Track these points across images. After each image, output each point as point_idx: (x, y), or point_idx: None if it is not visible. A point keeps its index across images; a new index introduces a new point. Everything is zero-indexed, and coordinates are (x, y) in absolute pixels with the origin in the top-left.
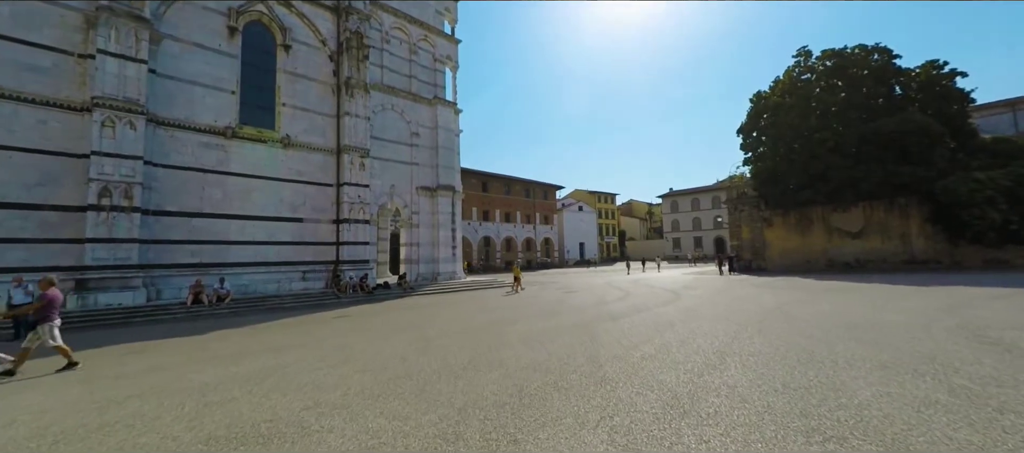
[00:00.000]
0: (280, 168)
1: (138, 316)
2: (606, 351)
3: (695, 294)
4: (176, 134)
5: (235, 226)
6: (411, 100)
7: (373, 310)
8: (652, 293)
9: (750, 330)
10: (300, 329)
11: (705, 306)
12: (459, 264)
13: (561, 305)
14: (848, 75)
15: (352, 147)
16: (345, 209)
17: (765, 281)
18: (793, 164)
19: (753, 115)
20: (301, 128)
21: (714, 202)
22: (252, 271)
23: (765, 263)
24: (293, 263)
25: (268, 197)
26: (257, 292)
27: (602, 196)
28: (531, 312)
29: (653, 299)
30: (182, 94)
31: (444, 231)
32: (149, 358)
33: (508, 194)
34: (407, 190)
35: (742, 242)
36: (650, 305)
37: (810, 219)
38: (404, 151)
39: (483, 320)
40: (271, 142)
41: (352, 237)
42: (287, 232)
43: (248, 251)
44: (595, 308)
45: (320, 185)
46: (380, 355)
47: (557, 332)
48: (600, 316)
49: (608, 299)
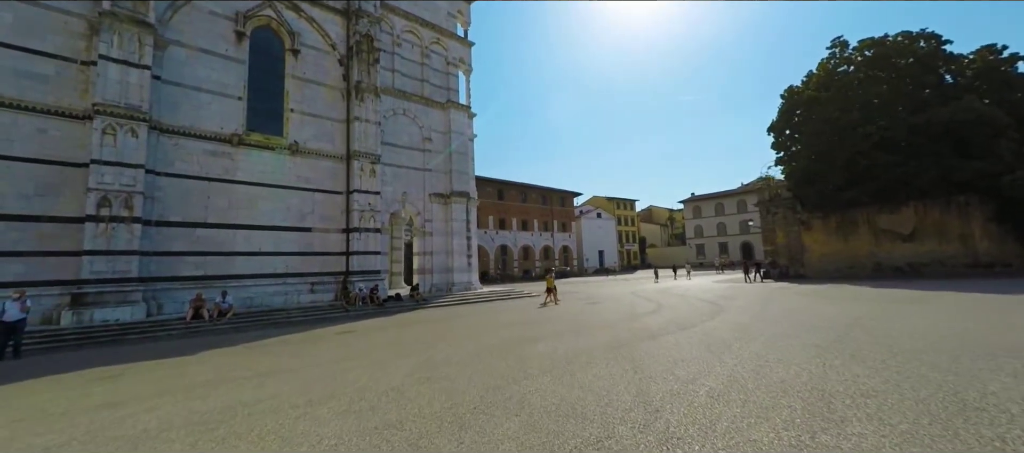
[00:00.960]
0: (288, 175)
1: (133, 332)
2: (658, 386)
3: (738, 305)
4: (181, 142)
5: (241, 236)
6: (423, 104)
7: (381, 325)
8: (687, 304)
9: (837, 355)
10: (296, 348)
11: (757, 321)
12: (475, 274)
13: (587, 319)
14: (891, 65)
15: (362, 153)
16: (355, 217)
17: (811, 289)
18: (832, 162)
19: (785, 112)
20: (309, 134)
21: (740, 206)
22: (258, 283)
23: (803, 269)
24: (301, 274)
25: (275, 206)
26: (263, 305)
27: (621, 202)
28: (554, 328)
29: (691, 311)
30: (187, 101)
31: (459, 239)
32: (114, 387)
33: (524, 201)
34: (420, 197)
35: (777, 247)
36: (691, 319)
37: (854, 221)
38: (416, 157)
39: (499, 339)
40: (279, 149)
41: (362, 247)
42: (294, 242)
43: (254, 262)
44: (627, 323)
45: (329, 193)
46: (374, 387)
47: (589, 356)
48: (636, 333)
49: (639, 311)
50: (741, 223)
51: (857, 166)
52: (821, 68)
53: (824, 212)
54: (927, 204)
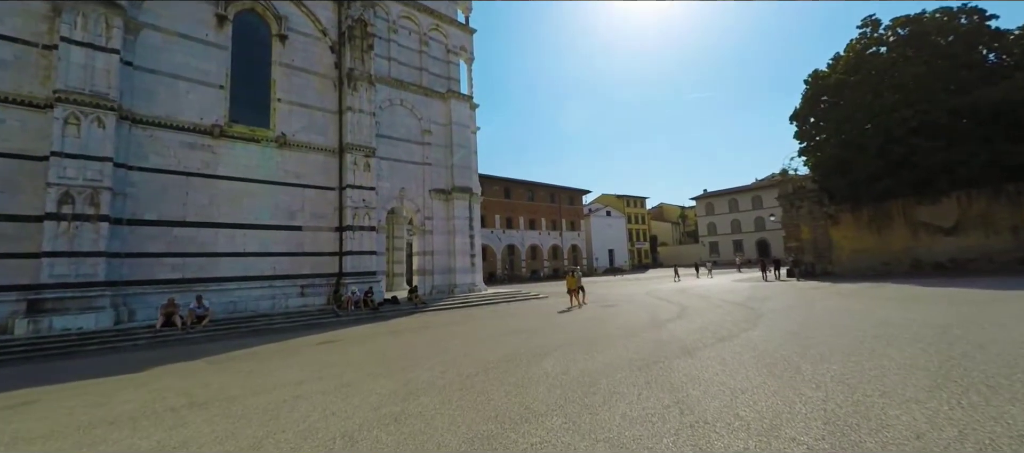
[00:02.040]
0: (275, 170)
1: (93, 343)
2: (722, 439)
3: (774, 308)
4: (156, 133)
5: (223, 236)
6: (422, 94)
7: (370, 333)
8: (714, 307)
9: (959, 382)
10: (260, 365)
11: (811, 330)
12: (479, 274)
13: (603, 326)
14: (929, 43)
15: (355, 145)
16: (348, 215)
17: (850, 288)
18: (864, 150)
19: (810, 98)
20: (299, 126)
21: (755, 202)
22: (243, 287)
23: (831, 266)
24: (290, 276)
25: (262, 203)
26: (248, 310)
27: (631, 200)
28: (565, 337)
29: (722, 316)
30: (163, 89)
31: (461, 238)
32: (9, 421)
33: (532, 200)
34: (419, 193)
35: (802, 243)
36: (726, 326)
37: (888, 214)
38: (415, 150)
39: (501, 352)
40: (265, 141)
41: (356, 246)
42: (283, 242)
43: (238, 264)
44: (651, 332)
45: (321, 188)
46: (320, 431)
47: (611, 382)
48: (665, 347)
49: (661, 316)
50: (756, 219)
51: (892, 154)
52: (850, 49)
53: (854, 205)
54: (972, 193)
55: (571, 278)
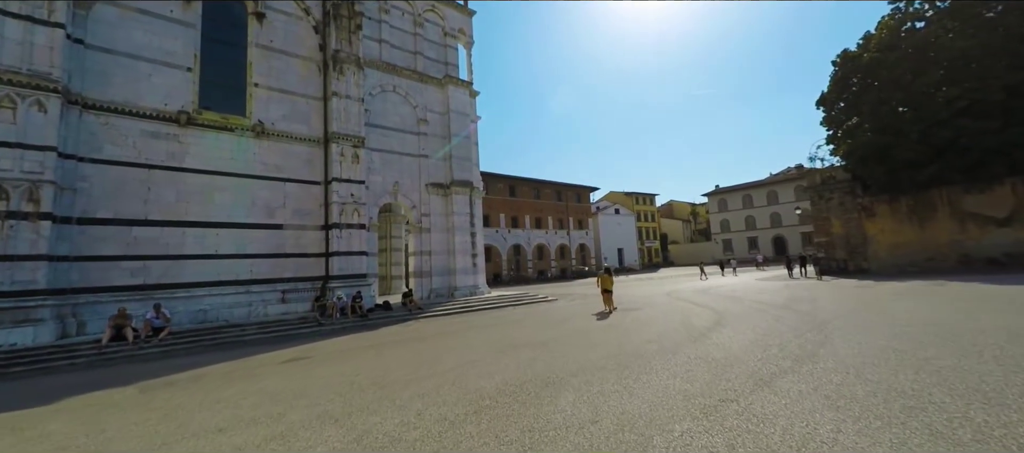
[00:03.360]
0: (252, 162)
1: (22, 362)
2: None
3: (831, 311)
4: (112, 121)
5: (192, 236)
6: (417, 80)
7: (349, 347)
8: (756, 312)
9: None
10: (197, 395)
11: (918, 345)
12: (481, 276)
13: (629, 337)
14: (975, 15)
15: (342, 135)
16: (335, 211)
17: (903, 288)
18: (903, 135)
19: (839, 80)
20: (279, 113)
21: (770, 197)
22: (214, 293)
23: (866, 263)
24: (269, 281)
25: (237, 199)
26: (220, 319)
27: (640, 197)
28: (586, 355)
29: (775, 325)
30: (121, 71)
31: (461, 236)
32: None
33: (538, 198)
34: (414, 187)
35: (832, 238)
36: (790, 340)
37: (931, 204)
38: (410, 141)
39: (502, 377)
40: (240, 130)
41: (344, 246)
42: (262, 242)
43: (209, 267)
44: (694, 347)
45: (304, 183)
46: None
47: (668, 434)
48: (725, 372)
49: (698, 324)
50: (772, 215)
51: (936, 138)
52: (882, 27)
53: (892, 195)
54: None
55: (606, 277)
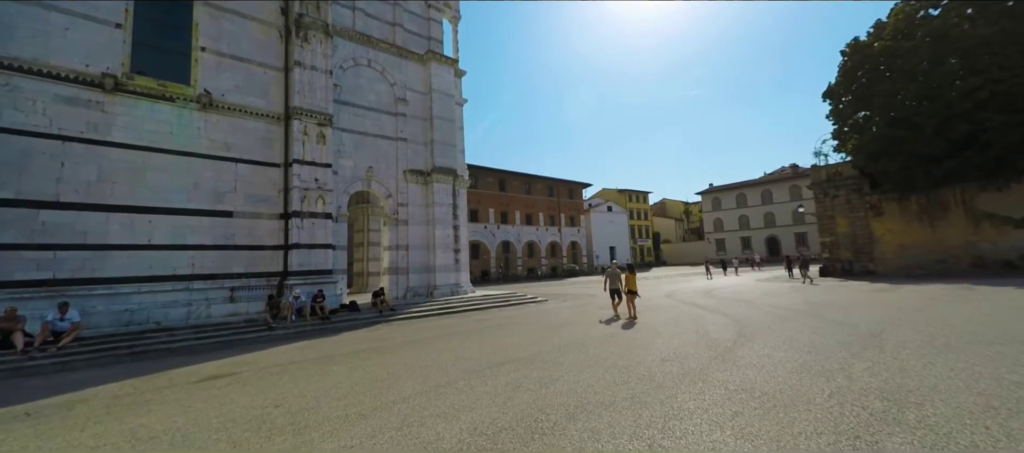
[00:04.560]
0: (196, 138)
1: None
2: None
3: (872, 318)
4: (15, 81)
5: (118, 223)
6: (395, 55)
7: (292, 358)
8: (781, 320)
9: None
10: (53, 433)
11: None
12: (464, 274)
13: (637, 352)
14: (997, 1)
15: (305, 110)
16: (295, 198)
17: (932, 291)
18: (918, 129)
19: (849, 70)
20: (231, 83)
21: (764, 197)
22: (145, 290)
23: (873, 264)
24: (215, 276)
25: (176, 180)
26: (151, 321)
27: (633, 195)
28: (585, 377)
29: (818, 339)
30: (26, 22)
31: (442, 229)
32: None
33: (528, 193)
34: (390, 174)
35: (838, 238)
36: (863, 367)
37: (943, 203)
38: (386, 122)
39: (469, 420)
40: (182, 101)
41: (306, 238)
42: (207, 231)
43: (140, 260)
44: (723, 369)
45: (259, 164)
46: None
47: None
48: (788, 414)
49: (717, 335)
50: (766, 215)
51: (954, 131)
52: (895, 13)
53: (902, 193)
54: None
55: (629, 275)
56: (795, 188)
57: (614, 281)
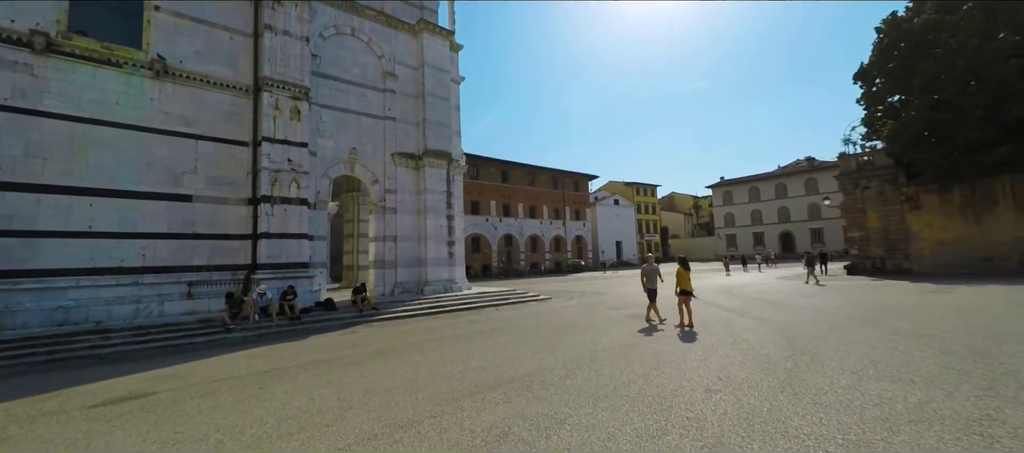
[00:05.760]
0: (148, 111)
1: None
2: None
3: (951, 328)
4: None
5: (50, 206)
6: (384, 24)
7: (236, 371)
8: (835, 327)
9: None
10: None
11: None
12: (459, 269)
13: (663, 369)
14: None
15: (277, 82)
16: (265, 181)
17: (988, 294)
18: (965, 113)
19: (885, 48)
20: (191, 49)
21: (778, 191)
22: (85, 284)
23: (908, 262)
24: (171, 269)
25: (124, 158)
26: (91, 320)
27: (641, 188)
28: (600, 426)
29: (922, 361)
30: None
31: (434, 219)
32: None
33: (532, 185)
34: (377, 157)
35: (868, 233)
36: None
37: (992, 195)
38: (373, 99)
39: None
40: (131, 66)
41: (277, 226)
42: (161, 217)
43: (79, 249)
44: (806, 410)
45: (224, 142)
46: None
47: None
48: None
49: (760, 347)
50: (780, 209)
51: (1007, 115)
52: None
53: (943, 184)
54: None
55: (684, 272)
56: (811, 182)
57: (651, 279)
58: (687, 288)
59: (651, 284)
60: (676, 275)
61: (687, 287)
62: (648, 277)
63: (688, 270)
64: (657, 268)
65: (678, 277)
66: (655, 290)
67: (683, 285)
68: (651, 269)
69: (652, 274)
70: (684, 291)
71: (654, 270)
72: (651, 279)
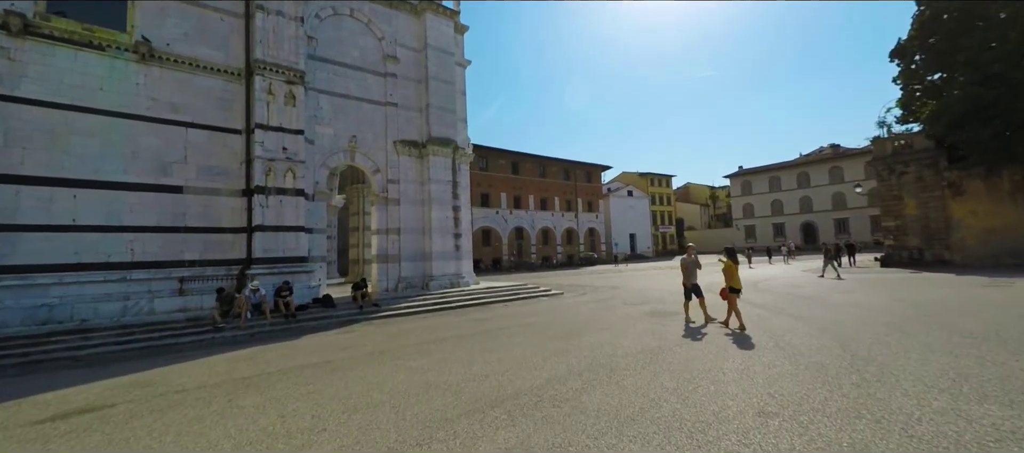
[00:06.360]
0: (135, 97)
1: None
2: None
3: None
4: None
5: (31, 198)
6: (384, 3)
7: (209, 379)
8: (883, 323)
9: None
10: None
11: None
12: (466, 262)
13: (696, 384)
14: None
15: (270, 65)
16: (258, 170)
17: None
18: (1016, 88)
19: (926, 22)
20: (179, 31)
21: (801, 180)
22: (70, 280)
23: (949, 252)
24: (161, 264)
25: (109, 147)
26: (76, 318)
27: (655, 178)
28: (636, 452)
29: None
30: None
31: (440, 210)
32: None
33: (543, 176)
34: (378, 145)
35: (904, 221)
36: None
37: None
38: (373, 84)
39: None
40: (115, 50)
41: (272, 218)
42: (150, 210)
43: (63, 243)
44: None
45: (216, 130)
46: None
47: None
48: None
49: (818, 358)
50: (802, 199)
51: None
52: None
53: (990, 167)
54: None
55: (731, 265)
56: (836, 170)
57: (691, 273)
58: (735, 284)
59: (691, 279)
60: (723, 270)
61: (735, 283)
62: (687, 271)
63: (737, 263)
64: (697, 263)
65: (726, 272)
66: (698, 285)
67: (731, 281)
68: (691, 263)
69: (692, 269)
70: (732, 288)
71: (694, 265)
72: (690, 274)
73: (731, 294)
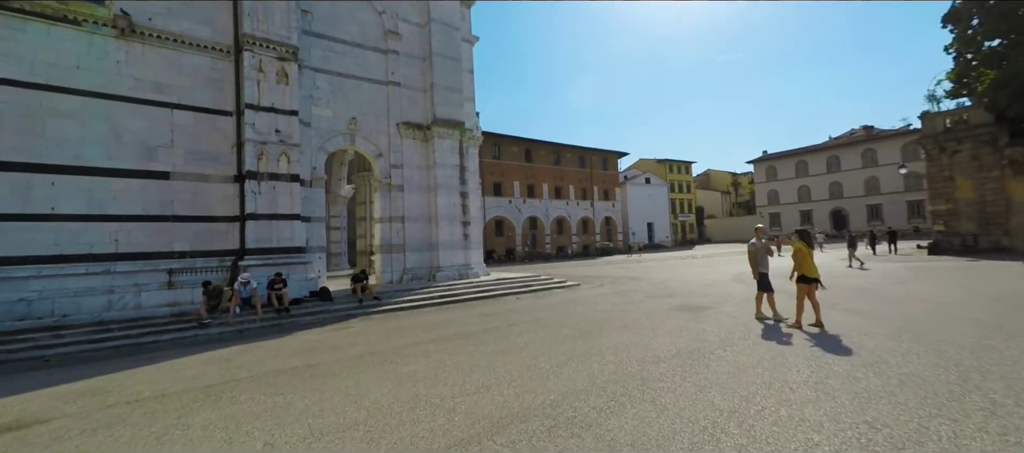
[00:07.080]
0: (116, 76)
1: None
2: None
3: None
4: None
5: (6, 184)
6: None
7: (173, 386)
8: (974, 322)
9: None
10: None
11: None
12: (476, 253)
13: (771, 402)
14: None
15: (259, 39)
16: (250, 154)
17: None
18: None
19: None
20: (162, 4)
21: (830, 164)
22: (49, 273)
23: (1008, 239)
24: (148, 256)
25: (89, 130)
26: (57, 313)
27: (674, 165)
28: None
29: None
30: None
31: (446, 197)
32: None
33: (557, 164)
34: (380, 127)
35: (957, 205)
36: None
37: None
38: (373, 62)
39: None
40: (91, 24)
41: (265, 206)
42: (135, 197)
43: (42, 234)
44: None
45: (204, 111)
46: None
47: None
48: None
49: (912, 368)
50: (832, 185)
51: None
52: None
53: None
54: None
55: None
56: (869, 153)
57: (761, 261)
58: (812, 274)
59: (763, 268)
60: (794, 254)
61: (812, 273)
62: (757, 260)
63: (811, 248)
64: (767, 248)
65: (797, 257)
66: (767, 275)
67: (805, 269)
68: (760, 247)
69: (763, 254)
70: (807, 278)
71: (763, 252)
72: (762, 262)
73: (803, 284)
